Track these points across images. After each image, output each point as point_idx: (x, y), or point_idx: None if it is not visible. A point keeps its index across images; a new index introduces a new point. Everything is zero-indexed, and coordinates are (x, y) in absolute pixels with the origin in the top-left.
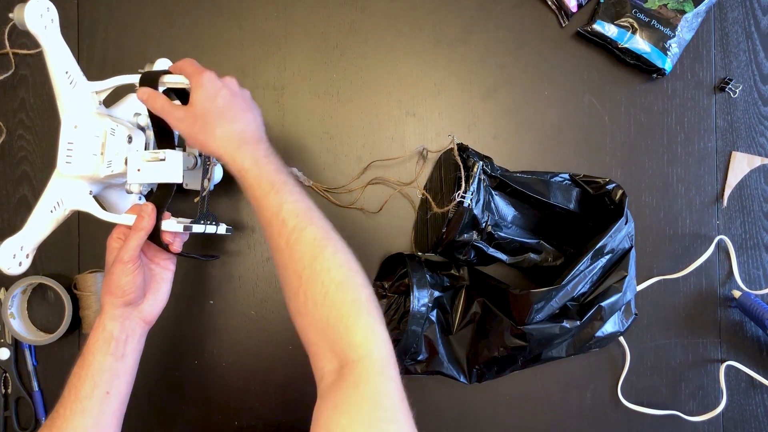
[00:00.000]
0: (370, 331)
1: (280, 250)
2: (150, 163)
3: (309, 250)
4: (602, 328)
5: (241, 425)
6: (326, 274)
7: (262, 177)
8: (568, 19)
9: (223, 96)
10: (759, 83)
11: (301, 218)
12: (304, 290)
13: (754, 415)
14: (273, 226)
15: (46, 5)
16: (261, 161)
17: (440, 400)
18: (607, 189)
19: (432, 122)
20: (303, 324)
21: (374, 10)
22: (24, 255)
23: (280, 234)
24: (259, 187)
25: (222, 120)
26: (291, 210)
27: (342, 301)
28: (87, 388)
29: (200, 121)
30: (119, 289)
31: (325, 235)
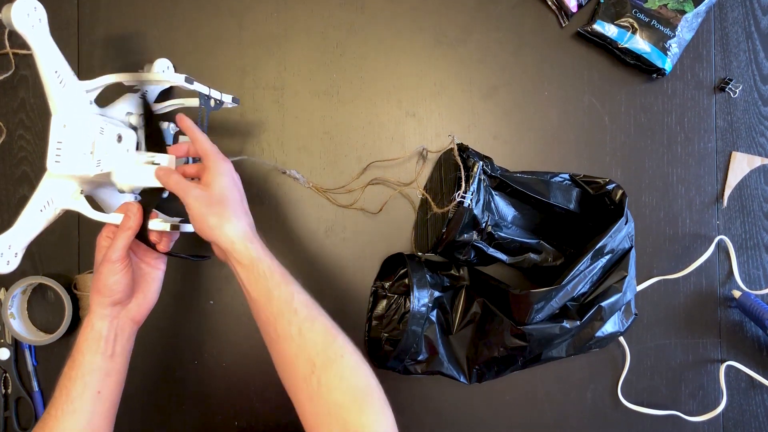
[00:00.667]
0: (381, 414)
1: (290, 338)
2: (142, 167)
3: (322, 339)
4: (602, 328)
5: (241, 425)
6: (341, 360)
7: (273, 267)
8: (568, 19)
9: (240, 189)
10: (759, 83)
11: (312, 308)
12: (318, 376)
13: (754, 415)
14: (284, 315)
15: (33, 5)
16: (268, 253)
17: (440, 400)
18: (607, 189)
19: (432, 122)
20: (313, 409)
21: (374, 10)
22: (12, 254)
23: (291, 323)
24: (271, 277)
25: (237, 211)
26: (302, 301)
27: (356, 385)
28: (78, 389)
29: (217, 207)
30: (107, 288)
31: (333, 325)
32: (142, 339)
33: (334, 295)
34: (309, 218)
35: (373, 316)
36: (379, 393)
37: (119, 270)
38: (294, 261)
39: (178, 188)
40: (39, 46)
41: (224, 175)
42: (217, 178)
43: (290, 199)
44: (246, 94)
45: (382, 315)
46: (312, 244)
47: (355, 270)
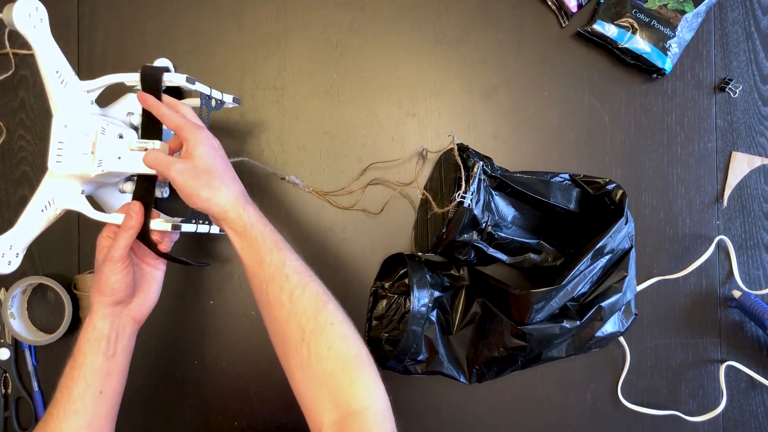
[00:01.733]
0: (372, 384)
1: (280, 304)
2: (133, 153)
3: (312, 305)
4: (602, 329)
5: (241, 425)
6: (330, 328)
7: (266, 234)
8: (568, 20)
9: (222, 156)
10: (759, 83)
11: (303, 275)
12: (307, 343)
13: (754, 415)
14: (275, 281)
15: (34, 5)
16: (263, 220)
17: (440, 400)
18: (607, 189)
19: (432, 122)
20: (303, 377)
21: (374, 10)
22: (13, 254)
23: (282, 289)
24: (264, 242)
25: (225, 178)
26: (293, 267)
27: (346, 354)
28: (79, 388)
29: (204, 177)
30: (109, 288)
31: (325, 292)
32: (142, 339)
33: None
34: (309, 218)
35: (373, 316)
36: (370, 362)
37: (121, 270)
38: None
39: (158, 164)
40: (40, 46)
41: (203, 144)
42: (197, 148)
43: (290, 198)
44: (246, 94)
45: (382, 315)
46: (312, 244)
47: (355, 270)
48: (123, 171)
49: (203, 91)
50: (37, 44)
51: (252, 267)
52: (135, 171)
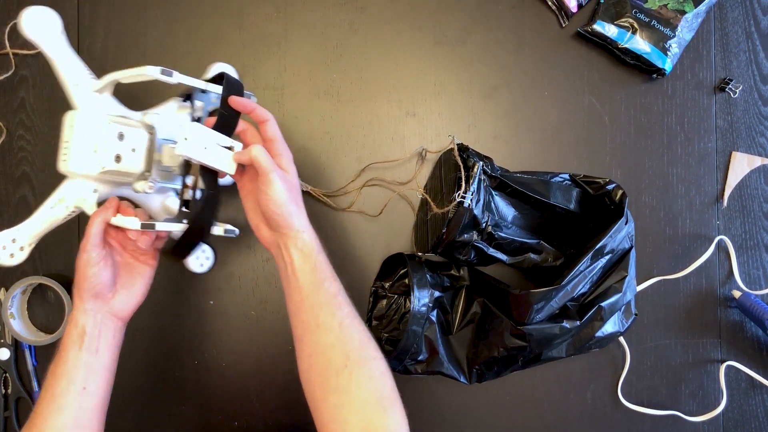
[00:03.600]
0: (402, 420)
1: (329, 329)
2: (215, 148)
3: (359, 337)
4: (602, 329)
5: (241, 425)
6: (373, 362)
7: (326, 262)
8: (568, 20)
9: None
10: (759, 83)
11: (352, 308)
12: (350, 370)
13: (754, 415)
14: (329, 306)
15: (46, 12)
16: (322, 249)
17: (440, 400)
18: (607, 189)
19: (432, 122)
20: (338, 402)
21: (374, 10)
22: (17, 247)
23: (334, 315)
24: (324, 270)
25: (302, 204)
26: (346, 299)
27: (383, 388)
28: (62, 385)
29: (294, 192)
30: (86, 281)
31: (367, 330)
32: (142, 339)
33: None
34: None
35: (373, 316)
36: (400, 403)
37: (96, 261)
38: None
39: (267, 162)
40: (53, 53)
41: (293, 164)
42: (291, 165)
43: None
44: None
45: (382, 315)
46: None
47: (355, 270)
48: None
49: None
50: (50, 51)
51: (308, 288)
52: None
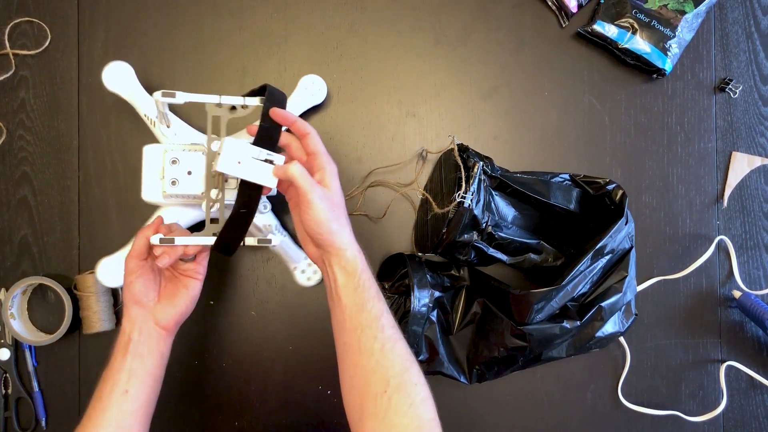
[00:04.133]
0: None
1: (370, 353)
2: (255, 161)
3: (400, 362)
4: (602, 329)
5: (241, 425)
6: (413, 387)
7: (371, 282)
8: (568, 20)
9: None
10: (759, 83)
11: (396, 330)
12: (389, 396)
13: (754, 415)
14: (371, 329)
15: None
16: (369, 267)
17: (440, 400)
18: (608, 189)
19: (432, 122)
20: (376, 427)
21: (374, 10)
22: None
23: (375, 338)
24: (369, 290)
25: (346, 218)
26: (389, 320)
27: (423, 415)
28: (107, 388)
29: (337, 210)
30: (126, 288)
31: (411, 353)
32: None
33: None
34: None
35: None
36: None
37: (134, 270)
38: None
39: (304, 181)
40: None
41: (337, 178)
42: (333, 180)
43: None
44: None
45: None
46: None
47: None
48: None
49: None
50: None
51: (351, 309)
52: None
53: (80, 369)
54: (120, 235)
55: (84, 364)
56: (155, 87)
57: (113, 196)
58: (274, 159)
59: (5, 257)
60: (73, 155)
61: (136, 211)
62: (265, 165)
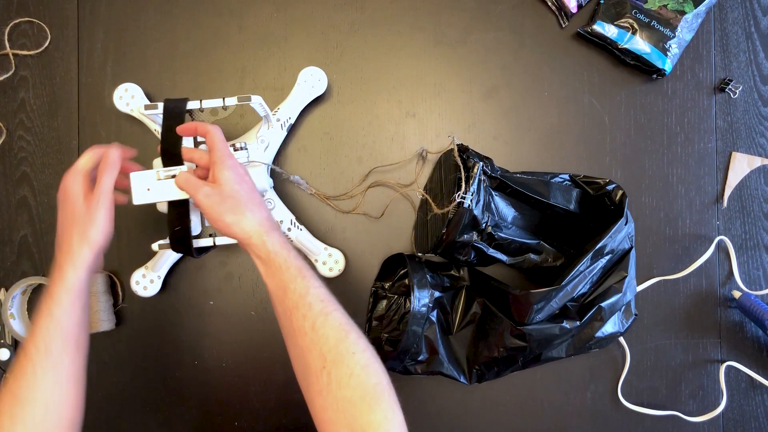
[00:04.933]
0: (390, 413)
1: (303, 332)
2: (161, 182)
3: (334, 334)
4: (602, 329)
5: (241, 425)
6: (351, 357)
7: (290, 261)
8: (568, 20)
9: (248, 182)
10: (759, 84)
11: (326, 303)
12: (328, 371)
13: (754, 415)
14: (299, 308)
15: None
16: (286, 246)
17: (440, 400)
18: (607, 189)
19: (432, 123)
20: (323, 403)
21: (374, 10)
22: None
23: (305, 317)
24: (287, 270)
25: (251, 204)
26: (317, 294)
27: (366, 382)
28: (58, 344)
29: (229, 201)
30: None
31: (348, 321)
32: (142, 339)
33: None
34: (309, 218)
35: (373, 316)
36: (390, 392)
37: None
38: None
39: (188, 185)
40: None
41: (230, 169)
42: (224, 172)
43: (291, 198)
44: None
45: (382, 315)
46: None
47: (355, 270)
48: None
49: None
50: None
51: (276, 294)
52: (167, 199)
53: None
54: (119, 234)
55: None
56: (155, 88)
57: None
58: (176, 171)
59: (5, 257)
60: (73, 155)
61: (135, 211)
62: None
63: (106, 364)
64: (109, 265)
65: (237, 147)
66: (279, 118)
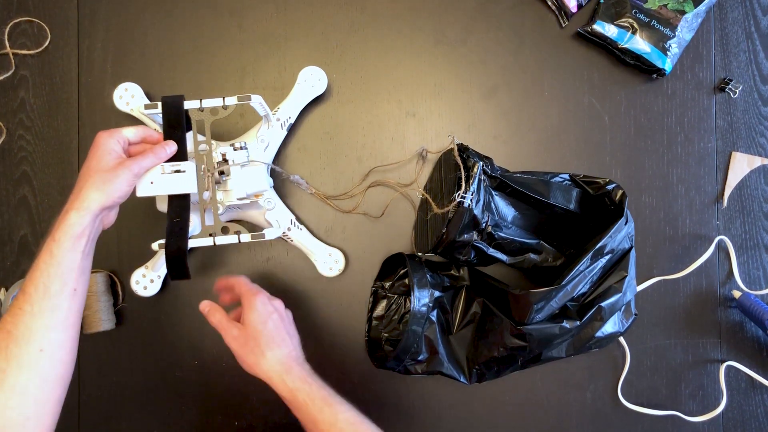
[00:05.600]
0: None
1: None
2: (165, 176)
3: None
4: (602, 329)
5: (241, 425)
6: None
7: (314, 393)
8: (568, 20)
9: (273, 320)
10: (759, 83)
11: (356, 425)
12: None
13: (754, 415)
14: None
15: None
16: (308, 380)
17: (440, 400)
18: (607, 189)
19: (432, 122)
20: None
21: (374, 10)
22: (148, 281)
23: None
24: (313, 403)
25: (271, 344)
26: (346, 419)
27: None
28: (56, 286)
29: (251, 343)
30: (116, 194)
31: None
32: (142, 339)
33: (335, 296)
34: (309, 218)
35: (373, 316)
36: None
37: (132, 183)
38: None
39: (219, 327)
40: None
41: (255, 310)
42: (250, 314)
43: (291, 197)
44: None
45: (382, 315)
46: None
47: (355, 270)
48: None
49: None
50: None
51: (307, 425)
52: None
53: (80, 368)
54: (119, 234)
55: (84, 364)
56: (155, 87)
57: None
58: (181, 167)
59: (5, 257)
60: (73, 155)
61: (134, 211)
62: (177, 175)
63: (106, 364)
64: (109, 265)
65: (237, 147)
66: (279, 117)
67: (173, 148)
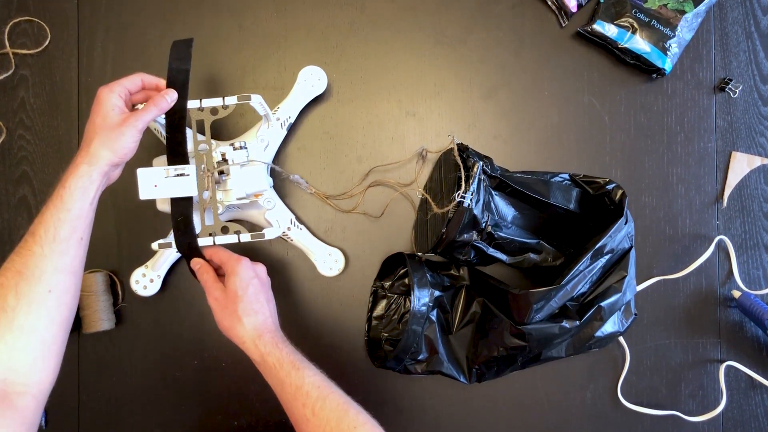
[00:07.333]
0: None
1: (306, 420)
2: (169, 179)
3: (335, 415)
4: (602, 328)
5: (241, 425)
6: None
7: (283, 358)
8: (568, 19)
9: (254, 285)
10: (759, 83)
11: (323, 388)
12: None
13: (753, 415)
14: (297, 399)
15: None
16: (279, 345)
17: (440, 400)
18: (607, 189)
19: (432, 122)
20: None
21: (374, 10)
22: (148, 280)
23: (305, 405)
24: (281, 367)
25: (248, 310)
26: (312, 382)
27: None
28: (65, 232)
29: (231, 307)
30: (124, 149)
31: (346, 399)
32: (142, 339)
33: (334, 296)
34: (308, 218)
35: (373, 316)
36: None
37: (138, 139)
38: None
39: (205, 286)
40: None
41: (237, 275)
42: (231, 279)
43: (291, 197)
44: None
45: (382, 315)
46: None
47: (355, 270)
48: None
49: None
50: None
51: (275, 389)
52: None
53: (80, 368)
54: (119, 234)
55: (83, 364)
56: None
57: (112, 196)
58: (184, 171)
59: (5, 257)
60: (73, 154)
61: (135, 211)
62: (179, 179)
63: (106, 364)
64: (109, 264)
65: (237, 146)
66: (279, 117)
67: (174, 97)
